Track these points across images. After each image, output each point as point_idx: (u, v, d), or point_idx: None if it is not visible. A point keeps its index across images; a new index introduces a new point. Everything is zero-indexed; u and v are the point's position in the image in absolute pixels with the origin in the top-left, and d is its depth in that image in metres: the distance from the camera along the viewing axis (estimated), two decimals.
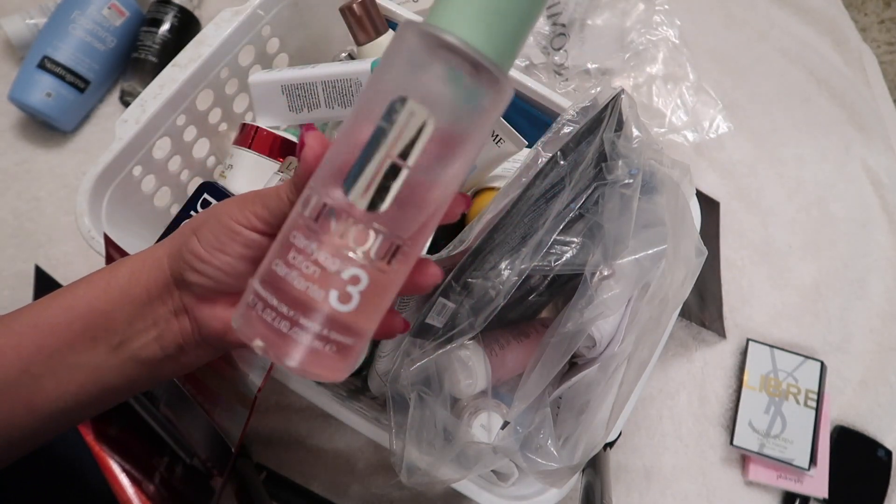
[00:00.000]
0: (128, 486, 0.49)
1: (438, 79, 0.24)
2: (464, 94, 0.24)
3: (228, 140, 0.64)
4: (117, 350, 0.31)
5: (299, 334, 0.24)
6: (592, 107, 0.45)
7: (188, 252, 0.29)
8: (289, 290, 0.24)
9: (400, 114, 0.23)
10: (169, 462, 0.52)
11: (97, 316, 0.31)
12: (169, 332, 0.31)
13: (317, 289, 0.24)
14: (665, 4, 0.83)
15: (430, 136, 0.24)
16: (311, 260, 0.24)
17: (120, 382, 0.31)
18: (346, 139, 0.25)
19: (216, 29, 0.56)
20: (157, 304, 0.31)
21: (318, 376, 0.25)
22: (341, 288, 0.24)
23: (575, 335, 0.43)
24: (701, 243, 0.47)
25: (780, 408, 0.68)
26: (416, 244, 0.26)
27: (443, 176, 0.25)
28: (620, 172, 0.44)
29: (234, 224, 0.29)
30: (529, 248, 0.43)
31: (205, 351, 0.32)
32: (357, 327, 0.26)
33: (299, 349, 0.24)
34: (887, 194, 0.81)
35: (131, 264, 0.32)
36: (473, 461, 0.43)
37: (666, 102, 0.80)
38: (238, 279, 0.29)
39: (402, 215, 0.25)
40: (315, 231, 0.25)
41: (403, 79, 0.24)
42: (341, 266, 0.24)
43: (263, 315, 0.25)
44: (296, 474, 0.63)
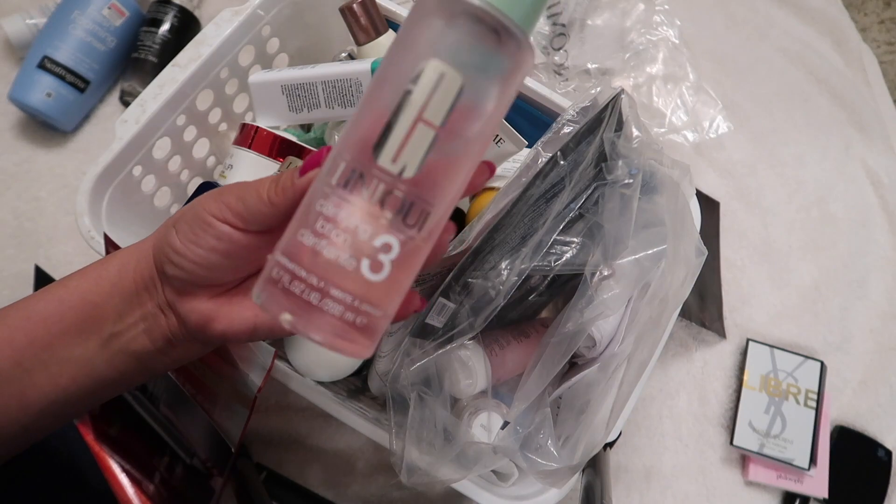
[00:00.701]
0: (128, 486, 0.49)
1: (463, 42, 0.24)
2: (488, 57, 0.24)
3: (228, 140, 0.64)
4: (108, 343, 0.31)
5: (330, 305, 0.24)
6: (592, 107, 0.45)
7: (166, 245, 0.29)
8: (318, 259, 0.24)
9: (429, 76, 0.23)
10: (169, 462, 0.52)
11: (88, 308, 0.31)
12: (157, 326, 0.31)
13: (348, 257, 0.24)
14: (665, 4, 0.83)
15: (457, 98, 0.23)
16: (341, 227, 0.24)
17: (112, 375, 0.31)
18: (372, 105, 0.25)
19: (216, 29, 0.56)
20: (144, 298, 0.31)
21: (345, 351, 0.25)
22: (373, 256, 0.24)
23: (575, 335, 0.43)
24: (701, 243, 0.47)
25: (780, 408, 0.68)
26: (444, 212, 0.26)
27: (469, 141, 0.25)
28: (620, 172, 0.44)
29: (207, 215, 0.29)
30: (529, 248, 0.43)
31: (194, 345, 0.32)
32: (385, 299, 0.25)
33: (330, 321, 0.24)
34: (887, 194, 0.81)
35: (121, 257, 0.32)
36: (473, 461, 0.43)
37: (666, 102, 0.80)
38: (212, 272, 0.29)
39: (431, 180, 0.24)
40: (344, 198, 0.24)
41: (429, 43, 0.24)
42: (374, 233, 0.24)
43: (291, 287, 0.24)
44: (296, 474, 0.63)
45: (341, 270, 0.24)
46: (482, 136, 0.25)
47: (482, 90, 0.24)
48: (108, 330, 0.31)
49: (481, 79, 0.24)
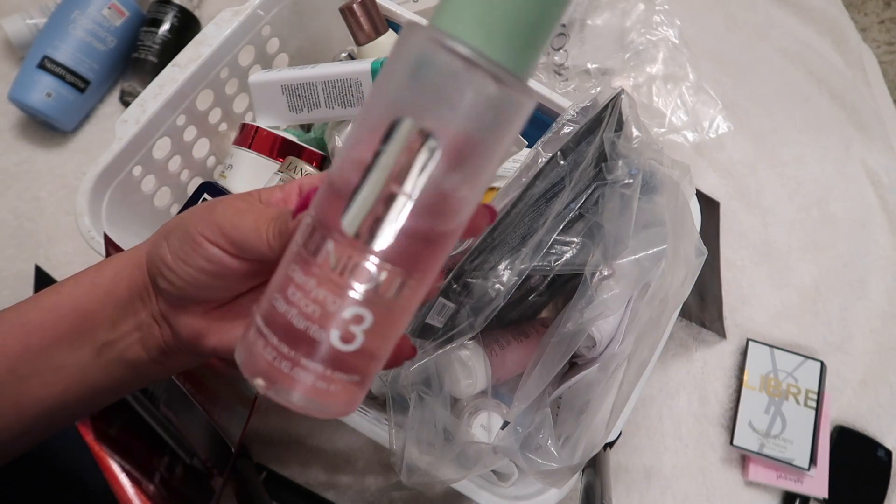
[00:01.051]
0: (128, 486, 0.49)
1: (448, 94, 0.20)
2: (479, 110, 0.21)
3: (228, 140, 0.64)
4: (102, 351, 0.30)
5: (301, 374, 0.23)
6: (592, 107, 0.45)
7: (158, 258, 0.29)
8: (289, 328, 0.23)
9: (401, 137, 0.20)
10: (169, 462, 0.52)
11: (82, 316, 0.30)
12: (152, 336, 0.30)
13: (317, 329, 0.22)
14: (665, 4, 0.83)
15: (436, 165, 0.21)
16: (310, 298, 0.22)
17: (106, 383, 0.31)
18: (345, 160, 0.23)
19: (216, 29, 0.56)
20: (139, 307, 0.30)
21: (322, 414, 0.24)
22: (343, 328, 0.22)
23: (575, 335, 0.43)
24: (701, 243, 0.47)
25: (780, 408, 0.68)
26: (426, 277, 0.24)
27: (453, 200, 0.22)
28: (620, 172, 0.44)
29: (197, 235, 0.27)
30: (529, 248, 0.43)
31: (188, 356, 0.31)
32: (361, 366, 0.24)
33: (301, 389, 0.23)
34: (887, 194, 0.81)
35: (115, 263, 0.31)
36: (473, 461, 0.43)
37: (666, 102, 0.80)
38: (203, 291, 0.29)
39: (407, 248, 0.22)
40: (313, 266, 0.22)
41: (407, 93, 0.21)
42: (342, 305, 0.22)
43: (264, 353, 0.23)
44: (296, 474, 0.63)
45: (310, 341, 0.23)
46: (470, 195, 0.22)
47: (469, 148, 0.21)
48: (102, 338, 0.30)
49: (468, 135, 0.21)
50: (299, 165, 0.53)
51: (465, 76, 0.20)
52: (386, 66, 0.22)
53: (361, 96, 0.53)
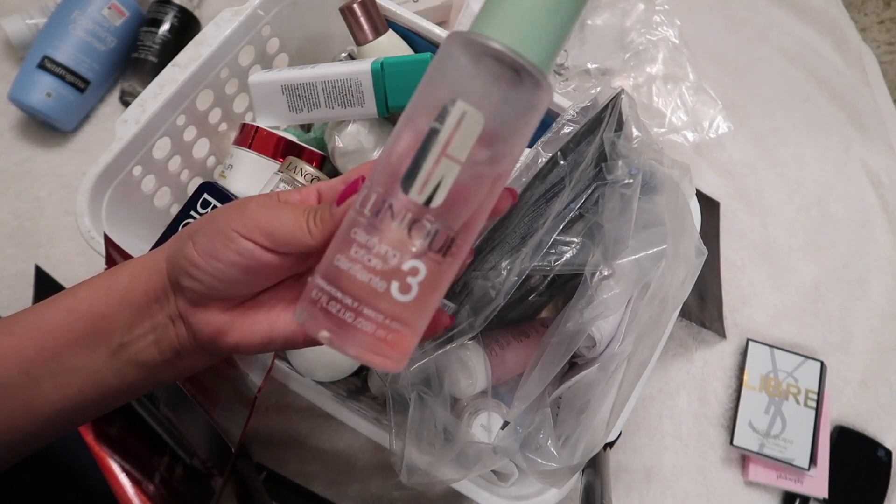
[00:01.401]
0: (128, 486, 0.49)
1: (485, 82, 0.26)
2: (509, 97, 0.26)
3: (228, 140, 0.64)
4: (116, 353, 0.31)
5: (363, 324, 0.26)
6: (592, 107, 0.45)
7: (183, 257, 0.30)
8: (353, 282, 0.26)
9: (451, 114, 0.25)
10: (169, 462, 0.52)
11: (97, 319, 0.31)
12: (166, 336, 0.31)
13: (379, 280, 0.26)
14: (665, 4, 0.83)
15: (479, 135, 0.25)
16: (372, 253, 0.26)
17: (119, 385, 0.31)
18: (401, 140, 0.27)
19: (216, 29, 0.56)
20: (155, 309, 0.31)
21: (378, 365, 0.27)
22: (402, 279, 0.26)
23: (575, 335, 0.43)
24: (701, 243, 0.47)
25: (780, 408, 0.68)
26: (468, 237, 0.28)
27: (490, 173, 0.27)
28: (620, 172, 0.44)
29: (230, 231, 0.29)
30: (529, 248, 0.43)
31: (202, 356, 0.32)
32: (414, 318, 0.27)
33: (363, 338, 0.26)
34: (887, 194, 0.81)
35: (132, 268, 0.32)
36: (473, 461, 0.43)
37: (666, 102, 0.80)
38: (230, 286, 0.30)
39: (455, 210, 0.26)
40: (375, 226, 0.26)
41: (453, 83, 0.26)
42: (402, 258, 0.26)
43: (328, 307, 0.26)
44: (296, 474, 0.63)
45: (373, 292, 0.26)
46: (503, 169, 0.27)
47: (503, 127, 0.26)
48: (116, 341, 0.31)
49: (502, 116, 0.26)
50: (299, 165, 0.53)
51: (497, 66, 0.25)
52: (436, 60, 0.27)
53: (361, 96, 0.53)
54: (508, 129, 0.27)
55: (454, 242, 0.27)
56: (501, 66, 0.25)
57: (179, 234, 0.31)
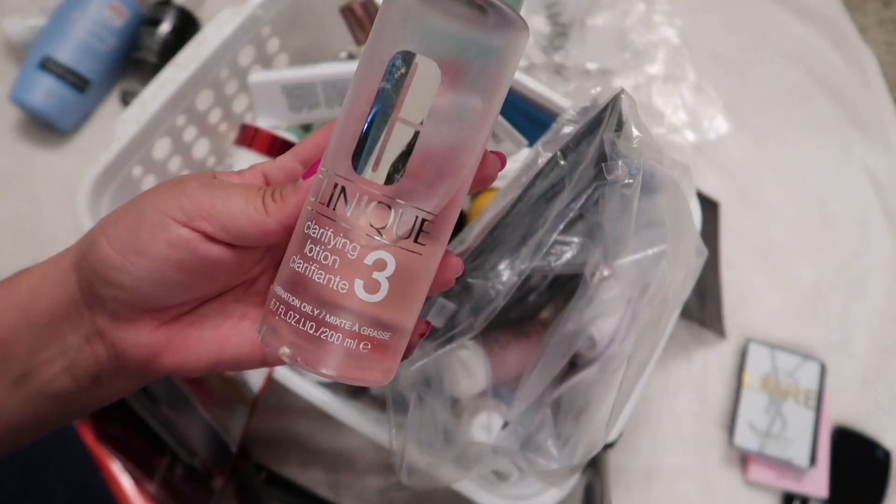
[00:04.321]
0: (128, 486, 0.49)
1: (443, 25, 0.21)
2: (475, 39, 0.21)
3: (228, 140, 0.64)
4: (19, 384, 0.25)
5: (328, 334, 0.22)
6: (592, 107, 0.45)
7: (96, 259, 0.23)
8: (310, 286, 0.22)
9: (401, 69, 0.21)
10: (169, 462, 0.52)
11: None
12: (81, 360, 0.25)
13: (339, 280, 0.22)
14: (665, 4, 0.83)
15: (437, 90, 0.21)
16: (328, 249, 0.22)
17: (25, 421, 0.26)
18: (349, 111, 0.23)
19: (216, 29, 0.56)
20: (64, 329, 0.25)
21: (358, 380, 0.23)
22: (366, 275, 0.22)
23: (575, 335, 0.43)
24: (701, 243, 0.47)
25: (780, 408, 0.68)
26: (445, 218, 0.23)
27: (461, 134, 0.22)
28: (620, 172, 0.44)
29: (161, 216, 0.23)
30: (529, 248, 0.43)
31: (125, 382, 0.26)
32: (391, 319, 0.23)
33: (331, 351, 0.22)
34: (887, 194, 0.81)
35: (30, 279, 0.26)
36: (473, 461, 0.43)
37: (666, 102, 0.80)
38: (162, 291, 0.24)
39: (422, 184, 0.22)
40: (329, 216, 0.22)
41: (402, 32, 0.21)
42: (363, 250, 0.21)
43: (287, 318, 0.22)
44: (296, 474, 0.63)
45: (334, 295, 0.22)
46: (477, 127, 0.23)
47: (470, 77, 0.22)
48: (17, 369, 0.25)
49: (467, 65, 0.21)
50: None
51: (464, 3, 0.21)
52: (380, 12, 0.22)
53: None
54: (478, 80, 0.22)
55: (426, 224, 0.22)
56: (461, 4, 0.21)
57: (88, 232, 0.25)
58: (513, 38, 0.22)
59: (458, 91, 0.21)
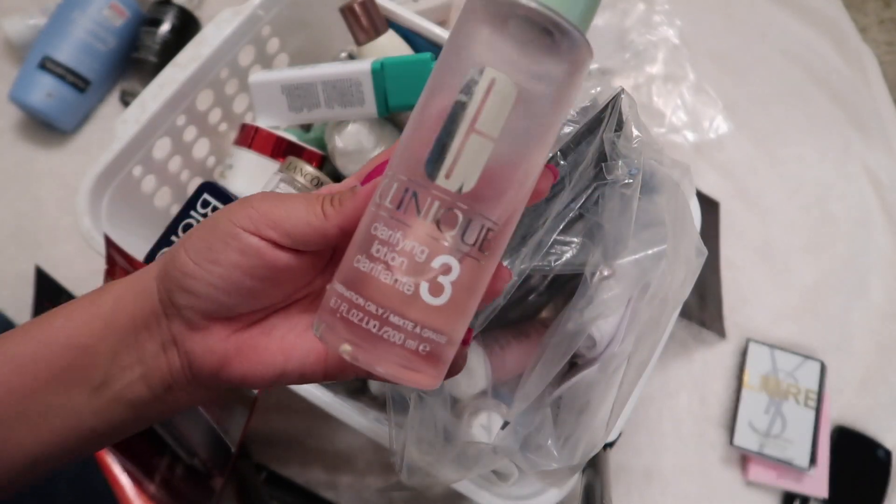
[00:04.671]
0: (128, 486, 0.49)
1: (518, 46, 0.22)
2: (545, 60, 0.23)
3: (228, 140, 0.64)
4: (99, 390, 0.27)
5: (390, 333, 0.22)
6: (592, 107, 0.45)
7: (174, 268, 0.25)
8: (375, 285, 0.22)
9: (479, 84, 0.22)
10: (169, 462, 0.52)
11: (78, 351, 0.27)
12: (156, 368, 0.27)
13: (406, 281, 0.22)
14: (665, 4, 0.83)
15: (513, 105, 0.22)
16: (397, 251, 0.22)
17: (101, 427, 0.27)
18: (422, 120, 0.24)
19: (216, 29, 0.56)
20: (143, 337, 0.27)
21: (412, 382, 0.23)
22: (432, 278, 0.22)
23: (575, 335, 0.43)
24: (701, 243, 0.47)
25: (780, 408, 0.68)
26: (505, 229, 0.24)
27: (528, 148, 0.23)
28: (620, 172, 0.44)
29: (230, 225, 0.25)
30: (529, 248, 0.43)
31: (196, 391, 0.28)
32: (449, 324, 0.23)
33: (392, 351, 0.22)
34: (887, 194, 0.81)
35: (116, 290, 0.28)
36: (473, 461, 0.43)
37: (666, 102, 0.80)
38: (234, 297, 0.25)
39: (490, 195, 0.23)
40: (399, 219, 0.23)
41: (480, 49, 0.23)
42: (431, 254, 0.22)
43: (349, 316, 0.23)
44: (296, 474, 0.63)
45: (399, 296, 0.22)
46: (542, 143, 0.24)
47: (539, 95, 0.23)
48: (99, 376, 0.26)
49: (538, 83, 0.23)
50: (299, 165, 0.53)
51: (531, 26, 0.22)
52: (457, 25, 0.24)
53: (361, 96, 0.53)
54: (545, 98, 0.23)
55: (490, 233, 0.23)
56: (534, 25, 0.22)
57: (170, 247, 0.28)
58: (579, 61, 0.23)
59: (529, 108, 0.23)
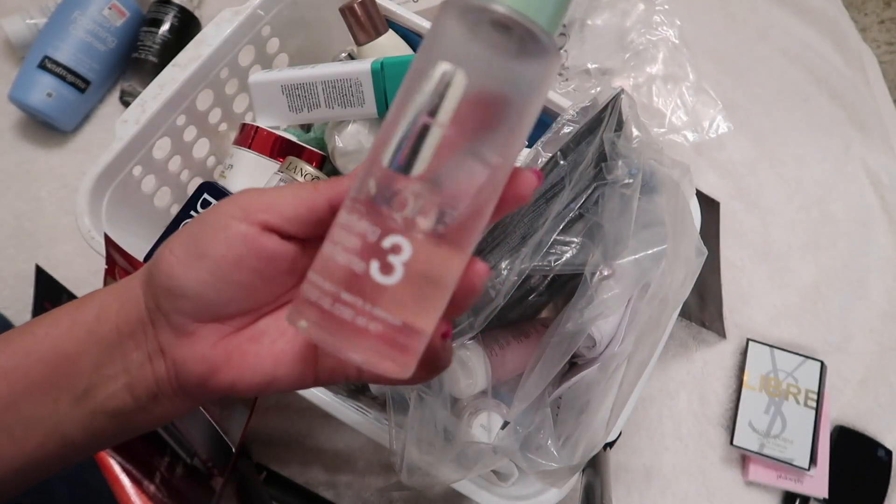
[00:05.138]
0: (128, 485, 0.49)
1: (484, 46, 0.23)
2: (511, 61, 0.24)
3: (228, 140, 0.64)
4: (81, 400, 0.26)
5: (340, 309, 0.23)
6: (592, 107, 0.45)
7: (158, 272, 0.25)
8: (332, 266, 0.24)
9: (431, 76, 0.23)
10: (169, 462, 0.52)
11: (60, 360, 0.26)
12: (141, 377, 0.26)
13: (357, 260, 0.23)
14: (665, 4, 0.83)
15: (461, 93, 0.23)
16: (352, 232, 0.24)
17: (83, 438, 0.27)
18: (390, 118, 0.25)
19: (216, 29, 0.56)
20: (128, 346, 0.26)
21: (368, 363, 0.23)
22: (382, 257, 0.23)
23: (575, 335, 0.43)
24: (701, 243, 0.47)
25: (780, 408, 0.68)
26: (471, 221, 0.24)
27: (486, 143, 0.24)
28: (620, 172, 0.44)
29: (224, 218, 0.25)
30: (529, 248, 0.43)
31: (181, 401, 0.27)
32: (405, 308, 0.24)
33: (344, 328, 0.23)
34: (887, 194, 0.81)
35: (101, 298, 0.27)
36: (473, 461, 0.43)
37: (666, 102, 0.80)
38: (225, 292, 0.25)
39: (445, 182, 0.24)
40: (357, 202, 0.24)
41: (444, 46, 0.24)
42: (382, 234, 0.23)
43: (309, 295, 0.24)
44: (296, 474, 0.63)
45: (351, 274, 0.23)
46: (504, 141, 0.24)
47: (501, 94, 0.24)
48: (81, 385, 0.26)
49: (499, 82, 0.24)
50: (299, 165, 0.53)
51: (497, 29, 0.23)
52: (432, 25, 0.24)
53: (361, 96, 0.53)
54: (509, 97, 0.24)
55: (447, 220, 0.23)
56: (502, 28, 0.23)
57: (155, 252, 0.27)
58: (546, 64, 0.24)
59: (489, 104, 0.24)
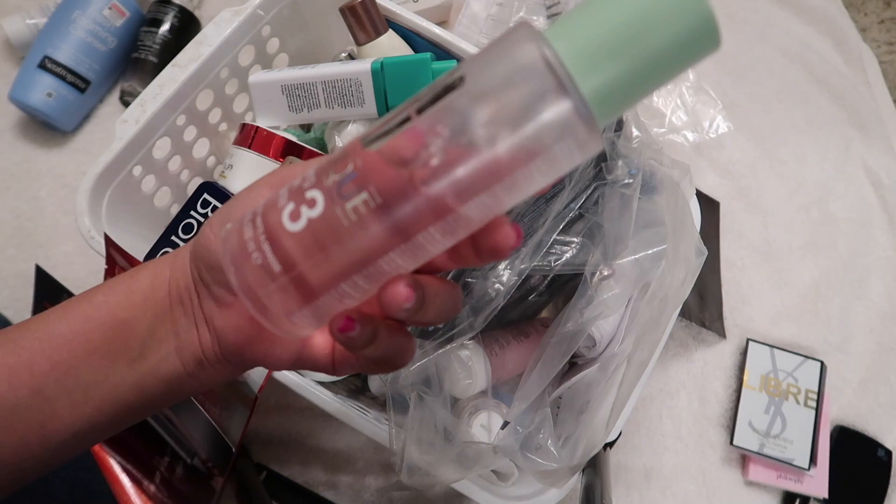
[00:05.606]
0: (128, 485, 0.49)
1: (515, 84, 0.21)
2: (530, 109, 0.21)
3: (228, 140, 0.64)
4: (135, 364, 0.28)
5: (247, 229, 0.24)
6: None
7: (200, 246, 0.26)
8: (273, 197, 0.25)
9: (439, 80, 0.22)
10: (170, 462, 0.52)
11: (117, 326, 0.27)
12: (189, 343, 0.28)
13: (282, 196, 0.24)
14: None
15: (452, 101, 0.21)
16: (299, 177, 0.25)
17: (137, 401, 0.28)
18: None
19: (216, 29, 0.56)
20: (178, 313, 0.28)
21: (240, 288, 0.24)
22: (297, 203, 0.24)
23: (575, 335, 0.43)
24: (701, 243, 0.47)
25: (780, 408, 0.68)
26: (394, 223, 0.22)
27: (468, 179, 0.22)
28: (620, 172, 0.44)
29: (255, 193, 0.26)
30: (529, 248, 0.43)
31: (224, 368, 0.29)
32: (288, 257, 0.23)
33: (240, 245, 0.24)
34: (887, 194, 0.81)
35: (155, 266, 0.29)
36: (473, 461, 0.43)
37: (666, 102, 0.80)
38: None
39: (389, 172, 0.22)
40: (323, 160, 0.25)
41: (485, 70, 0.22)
42: (308, 185, 0.24)
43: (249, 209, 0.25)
44: (296, 474, 0.63)
45: (272, 205, 0.24)
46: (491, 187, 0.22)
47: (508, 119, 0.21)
48: (136, 350, 0.27)
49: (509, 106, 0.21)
50: None
51: (538, 75, 0.21)
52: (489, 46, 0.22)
53: (361, 96, 0.53)
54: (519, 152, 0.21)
55: (369, 201, 0.22)
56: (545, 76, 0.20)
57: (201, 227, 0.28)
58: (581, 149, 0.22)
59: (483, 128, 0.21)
